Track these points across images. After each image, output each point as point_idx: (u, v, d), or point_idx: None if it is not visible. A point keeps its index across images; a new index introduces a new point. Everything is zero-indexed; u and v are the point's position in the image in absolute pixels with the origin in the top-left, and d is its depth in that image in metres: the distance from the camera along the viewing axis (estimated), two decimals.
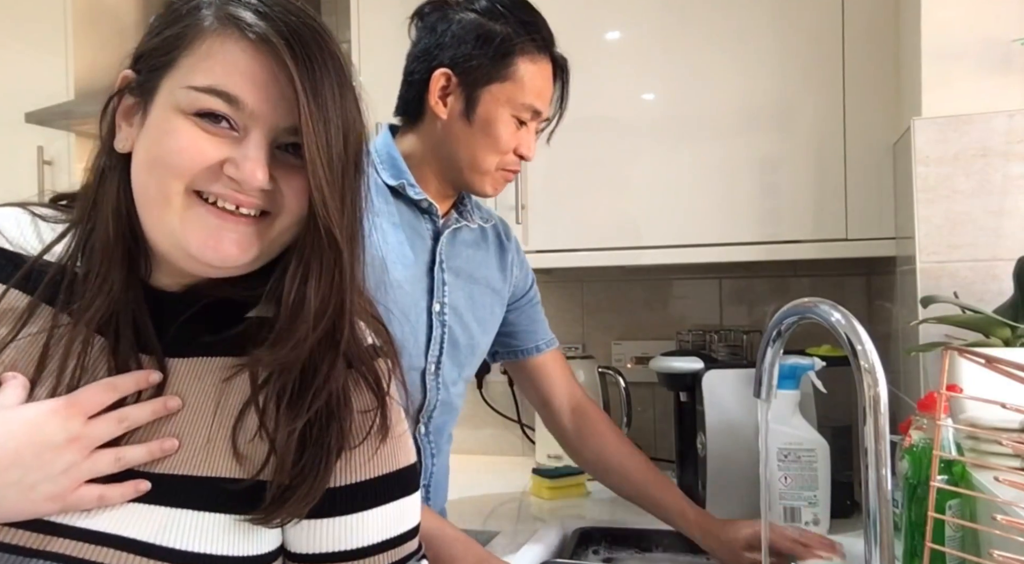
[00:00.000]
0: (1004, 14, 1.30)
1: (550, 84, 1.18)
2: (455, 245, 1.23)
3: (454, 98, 1.14)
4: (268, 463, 0.67)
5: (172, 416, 0.68)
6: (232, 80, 0.63)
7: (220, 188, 0.64)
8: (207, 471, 0.67)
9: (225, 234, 0.64)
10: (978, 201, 1.29)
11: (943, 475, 0.97)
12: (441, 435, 1.27)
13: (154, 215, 0.65)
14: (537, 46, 1.14)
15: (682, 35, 1.65)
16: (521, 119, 1.15)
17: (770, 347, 0.95)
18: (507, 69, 1.13)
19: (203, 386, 0.70)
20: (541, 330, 1.41)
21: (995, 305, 1.19)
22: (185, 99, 0.63)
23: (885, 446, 0.82)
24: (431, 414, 1.22)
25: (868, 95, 1.55)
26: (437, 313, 1.19)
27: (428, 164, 1.19)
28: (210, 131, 0.63)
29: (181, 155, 0.63)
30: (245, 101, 0.63)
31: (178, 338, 0.70)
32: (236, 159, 0.63)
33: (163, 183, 0.64)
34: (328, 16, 2.27)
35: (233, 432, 0.68)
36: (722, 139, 1.63)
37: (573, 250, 1.72)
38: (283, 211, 0.66)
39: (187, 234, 0.64)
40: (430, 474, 1.25)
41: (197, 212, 0.64)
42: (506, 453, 2.12)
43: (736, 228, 1.62)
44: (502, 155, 1.16)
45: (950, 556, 0.99)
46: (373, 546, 0.72)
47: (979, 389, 1.00)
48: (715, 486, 1.48)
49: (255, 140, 0.64)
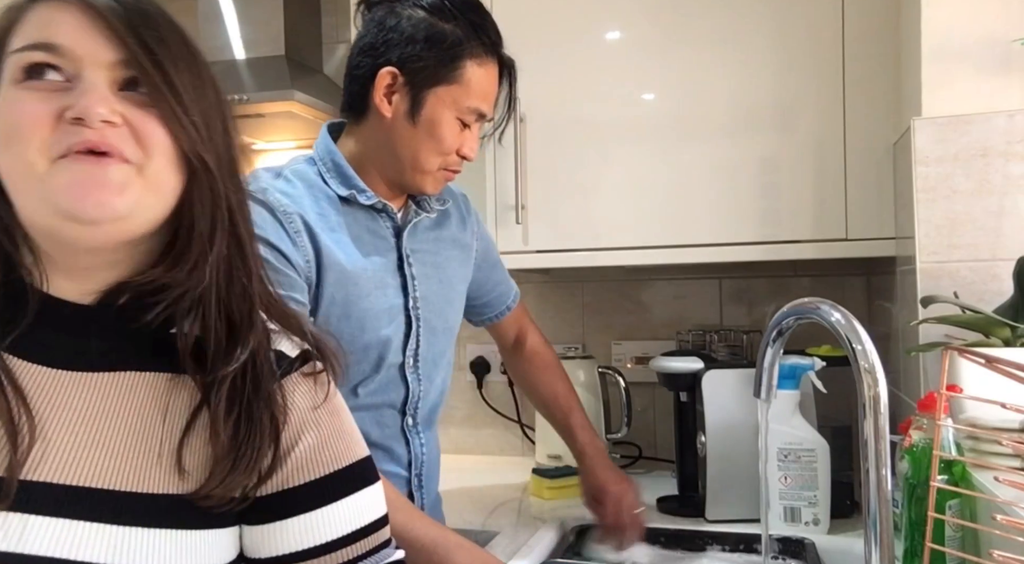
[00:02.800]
0: (1004, 14, 1.30)
1: (495, 86, 1.18)
2: (417, 236, 1.23)
3: (399, 97, 1.13)
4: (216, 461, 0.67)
5: (107, 431, 0.66)
6: (49, 31, 0.63)
7: (71, 138, 0.61)
8: (154, 488, 0.66)
9: (95, 179, 0.62)
10: (978, 201, 1.29)
11: (943, 475, 0.98)
12: (430, 423, 1.28)
13: (23, 189, 0.63)
14: (485, 48, 1.13)
15: (682, 35, 1.65)
16: (465, 121, 1.15)
17: (770, 347, 0.95)
18: (455, 72, 1.12)
19: (136, 400, 0.68)
20: (509, 290, 1.47)
21: (995, 305, 1.19)
22: (12, 66, 0.63)
23: (885, 446, 0.82)
24: (416, 405, 1.23)
25: (868, 95, 1.55)
26: (412, 308, 1.20)
27: (373, 164, 1.18)
28: (41, 88, 0.62)
29: (24, 120, 0.62)
30: (64, 44, 0.62)
31: (99, 352, 0.68)
32: (71, 102, 0.62)
33: (21, 155, 0.62)
34: (328, 16, 2.27)
35: (178, 445, 0.67)
36: (722, 139, 1.63)
37: (573, 250, 1.72)
38: (151, 153, 0.64)
39: (57, 192, 0.61)
40: (421, 463, 1.25)
41: (61, 167, 0.62)
42: (506, 453, 2.12)
43: (736, 228, 1.62)
44: (445, 156, 1.15)
45: (950, 556, 0.99)
46: (338, 540, 0.72)
47: (979, 389, 1.00)
48: (715, 486, 1.48)
49: (87, 79, 0.62)
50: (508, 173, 1.72)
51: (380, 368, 1.17)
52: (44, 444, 0.64)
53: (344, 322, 1.12)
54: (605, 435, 1.86)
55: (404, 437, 1.23)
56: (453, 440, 2.14)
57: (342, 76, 1.20)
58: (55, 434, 0.65)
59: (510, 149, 1.70)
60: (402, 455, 1.23)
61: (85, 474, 0.64)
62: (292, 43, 2.08)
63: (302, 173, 1.16)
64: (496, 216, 1.73)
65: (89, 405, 0.67)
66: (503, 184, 1.73)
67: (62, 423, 0.65)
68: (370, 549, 0.74)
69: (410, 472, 1.24)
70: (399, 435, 1.22)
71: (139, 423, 0.68)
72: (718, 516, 1.48)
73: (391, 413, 1.21)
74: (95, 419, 0.67)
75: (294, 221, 1.09)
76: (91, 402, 0.67)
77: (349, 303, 1.12)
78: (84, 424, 0.66)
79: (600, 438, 1.82)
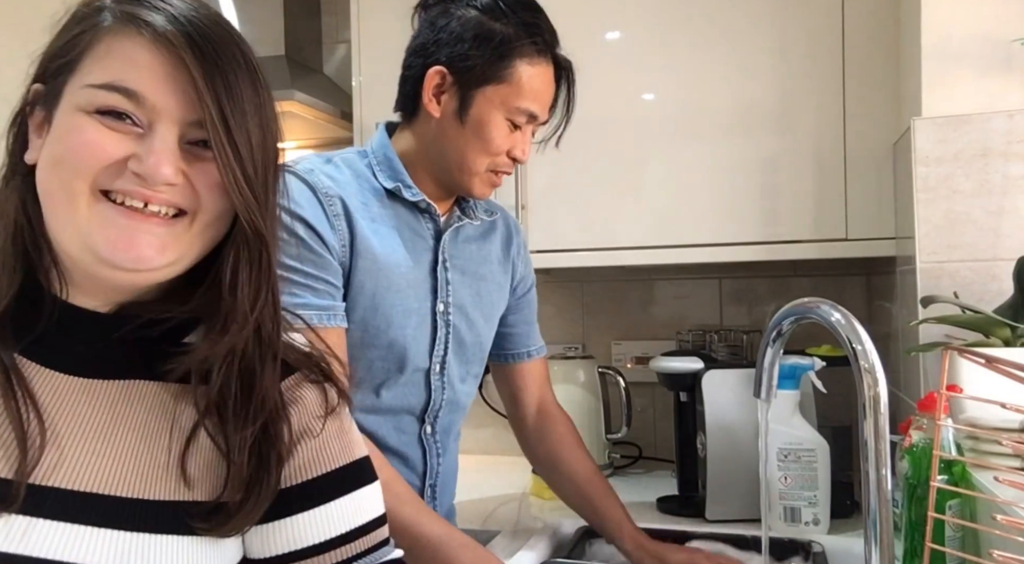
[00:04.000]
0: (1004, 14, 1.30)
1: (549, 87, 1.16)
2: (458, 243, 1.22)
3: (448, 97, 1.12)
4: (228, 482, 0.67)
5: (116, 439, 0.66)
6: (131, 75, 0.62)
7: (126, 185, 0.62)
8: (161, 495, 0.66)
9: (138, 235, 0.63)
10: (978, 201, 1.29)
11: (943, 475, 0.98)
12: (448, 434, 1.26)
13: (60, 217, 0.63)
14: (537, 48, 1.12)
15: (682, 35, 1.65)
16: (515, 122, 1.13)
17: (770, 347, 0.95)
18: (503, 71, 1.10)
19: (145, 409, 0.69)
20: (534, 335, 1.40)
21: (995, 305, 1.19)
22: (85, 98, 0.62)
23: (885, 446, 0.82)
24: (436, 414, 1.22)
25: (868, 95, 1.55)
26: (441, 313, 1.19)
27: (422, 163, 1.17)
28: (112, 127, 0.62)
29: (83, 152, 0.62)
30: (145, 95, 0.62)
31: (112, 360, 0.69)
32: (140, 154, 0.62)
33: (67, 183, 0.62)
34: (328, 16, 2.27)
35: (183, 454, 0.67)
36: (722, 139, 1.63)
37: (573, 250, 1.72)
38: (200, 208, 0.64)
39: (95, 235, 0.62)
40: (436, 474, 1.24)
41: (105, 213, 0.62)
42: (506, 453, 2.12)
43: (736, 228, 1.62)
44: (493, 157, 1.14)
45: (950, 556, 0.99)
46: (337, 538, 0.72)
47: (979, 389, 1.00)
48: (715, 486, 1.48)
49: (160, 134, 0.62)
50: None
51: (404, 370, 1.16)
52: (59, 450, 0.64)
53: (371, 314, 1.11)
54: (605, 435, 1.85)
55: (421, 445, 1.21)
56: None
57: (342, 76, 1.20)
58: (67, 440, 0.65)
59: None
60: (418, 463, 1.22)
61: (95, 480, 0.65)
62: (292, 43, 2.07)
63: (351, 162, 1.16)
64: None
65: (99, 412, 0.67)
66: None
67: (74, 429, 0.66)
68: (368, 548, 0.74)
69: (424, 482, 1.23)
70: (416, 443, 1.21)
71: (147, 431, 0.68)
72: (718, 516, 1.48)
73: (410, 419, 1.20)
74: (105, 426, 0.67)
75: (334, 203, 1.08)
76: (101, 409, 0.67)
77: (378, 295, 1.11)
78: (94, 431, 0.66)
79: (602, 439, 1.83)
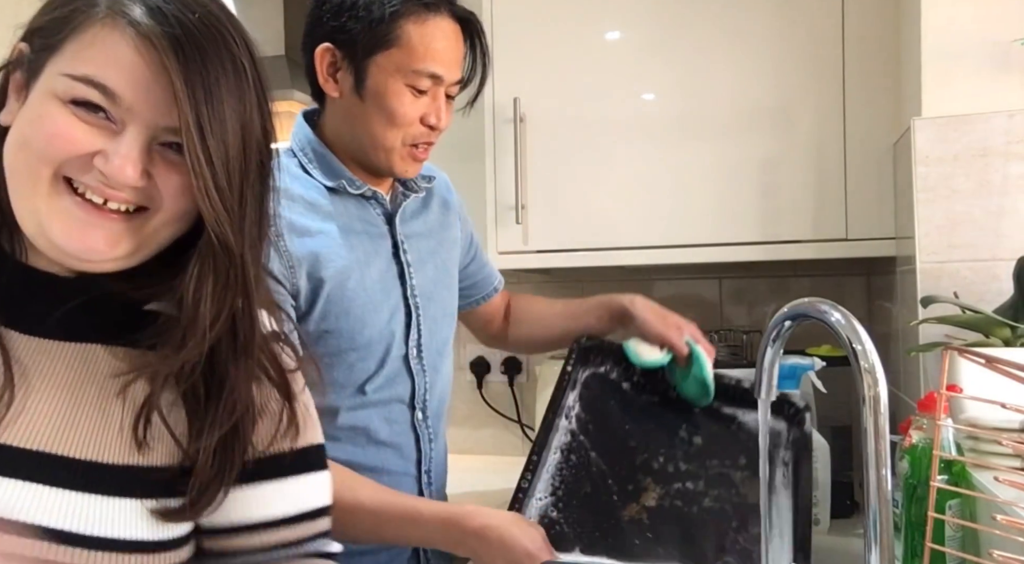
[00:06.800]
0: (1004, 14, 1.30)
1: (452, 44, 1.08)
2: (407, 220, 1.20)
3: (343, 74, 1.07)
4: (178, 453, 0.67)
5: (69, 400, 0.66)
6: (110, 73, 0.61)
7: (89, 180, 0.62)
8: (115, 458, 0.66)
9: (92, 229, 0.63)
10: (978, 201, 1.29)
11: (943, 475, 0.97)
12: (439, 419, 1.25)
13: (21, 196, 0.63)
14: (424, 4, 1.05)
15: (682, 35, 1.65)
16: (418, 87, 1.06)
17: (770, 347, 0.95)
18: (389, 35, 1.04)
19: (102, 373, 0.68)
20: (492, 272, 1.42)
21: (995, 305, 1.19)
22: (62, 86, 0.62)
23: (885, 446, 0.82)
24: (424, 398, 1.20)
25: (868, 95, 1.55)
26: (410, 296, 1.17)
27: (346, 149, 1.12)
28: (85, 120, 0.62)
29: (52, 141, 0.61)
30: (122, 96, 0.61)
31: (71, 323, 0.68)
32: (107, 152, 0.61)
33: (32, 166, 0.62)
34: None
35: (135, 421, 0.67)
36: (722, 139, 1.63)
37: (573, 250, 1.72)
38: (159, 209, 0.64)
39: (52, 223, 0.62)
40: (429, 459, 1.22)
41: (64, 203, 0.62)
42: (506, 453, 2.12)
43: (736, 228, 1.62)
44: (404, 128, 1.08)
45: (950, 556, 0.99)
46: (284, 519, 0.72)
47: (979, 389, 1.00)
48: None
49: (130, 136, 0.62)
50: (508, 173, 1.72)
51: (385, 362, 1.14)
52: (13, 408, 0.65)
53: (344, 320, 1.09)
54: None
55: (414, 433, 1.20)
56: (453, 440, 2.10)
57: None
58: (23, 399, 0.65)
59: (510, 149, 1.70)
60: (411, 452, 1.20)
61: (47, 440, 0.65)
62: (292, 43, 2.07)
63: (284, 167, 1.12)
64: (496, 216, 1.73)
65: (56, 373, 0.67)
66: (503, 184, 1.73)
67: (30, 389, 0.66)
68: (310, 535, 0.75)
69: (419, 469, 1.22)
70: (409, 431, 1.19)
71: (102, 395, 0.68)
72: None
73: (400, 408, 1.18)
74: (61, 388, 0.67)
75: (274, 225, 1.07)
76: (58, 370, 0.68)
77: (347, 298, 1.09)
78: (50, 391, 0.67)
79: None
